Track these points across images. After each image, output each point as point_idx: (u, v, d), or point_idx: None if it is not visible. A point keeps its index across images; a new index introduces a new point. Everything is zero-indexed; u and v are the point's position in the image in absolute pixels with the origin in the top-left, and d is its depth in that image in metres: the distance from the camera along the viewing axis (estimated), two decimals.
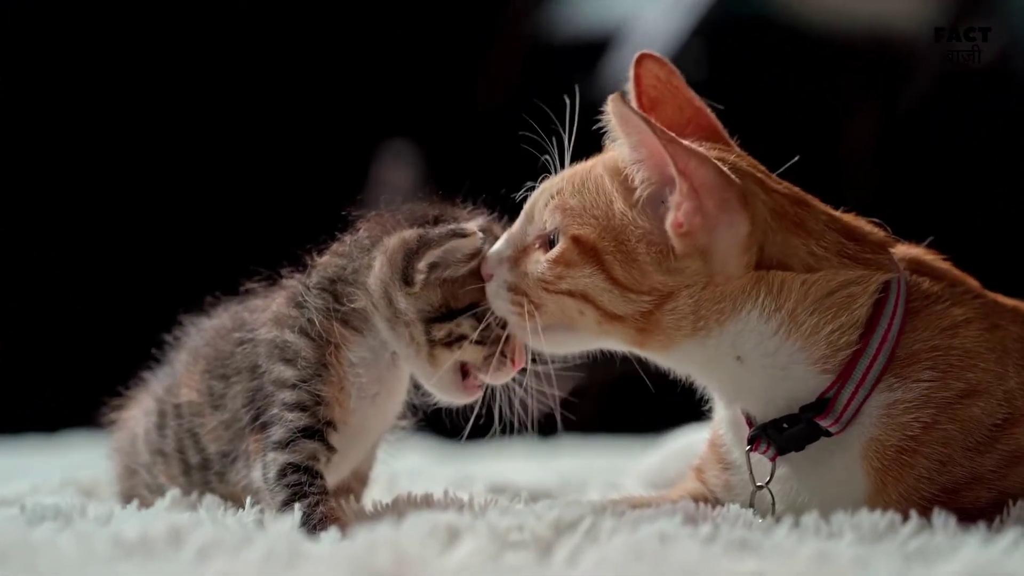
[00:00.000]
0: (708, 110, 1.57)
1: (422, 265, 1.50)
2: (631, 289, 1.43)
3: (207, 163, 4.34)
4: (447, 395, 1.56)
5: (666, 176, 1.41)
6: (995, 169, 3.92)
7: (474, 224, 1.54)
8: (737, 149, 1.54)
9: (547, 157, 1.54)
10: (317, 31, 4.38)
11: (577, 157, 1.54)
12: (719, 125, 1.57)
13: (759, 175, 1.47)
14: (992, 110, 3.93)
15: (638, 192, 1.43)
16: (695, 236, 1.40)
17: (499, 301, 1.51)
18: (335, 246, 1.60)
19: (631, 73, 1.57)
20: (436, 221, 1.55)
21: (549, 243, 1.49)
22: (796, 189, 1.49)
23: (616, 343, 1.49)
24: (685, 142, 1.40)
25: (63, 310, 4.28)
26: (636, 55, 1.58)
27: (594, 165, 1.50)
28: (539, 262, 1.48)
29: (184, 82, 4.35)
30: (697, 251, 1.40)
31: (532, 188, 1.55)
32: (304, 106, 4.39)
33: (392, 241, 1.54)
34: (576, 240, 1.45)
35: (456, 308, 1.51)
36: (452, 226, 1.53)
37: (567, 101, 1.52)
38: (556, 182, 1.51)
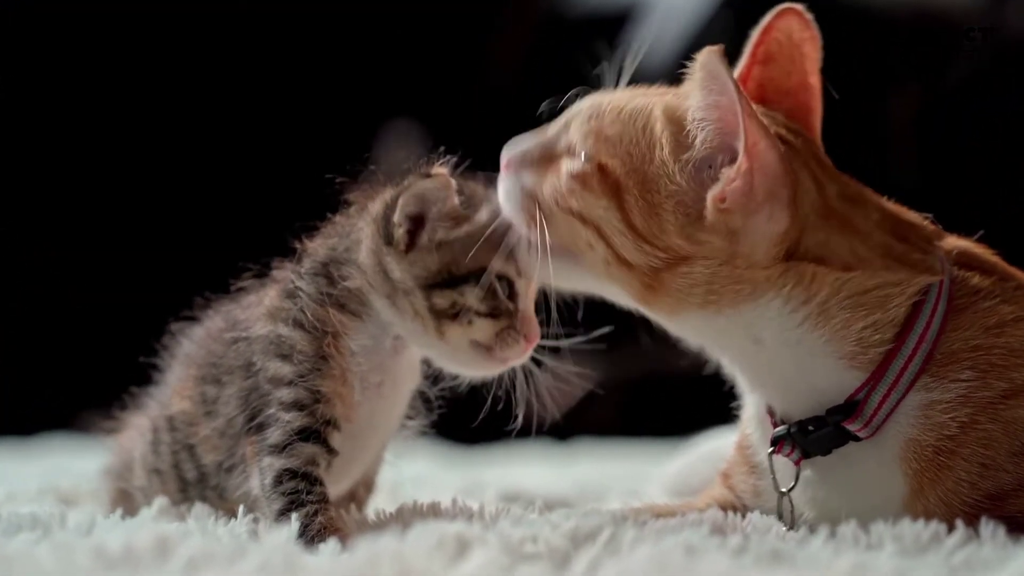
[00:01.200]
0: (816, 92, 1.57)
1: (397, 217, 1.51)
2: (646, 240, 1.43)
3: (206, 155, 4.37)
4: (471, 370, 1.56)
5: (726, 145, 1.41)
6: None
7: (441, 167, 1.54)
8: (811, 136, 1.54)
9: (604, 66, 1.55)
10: (316, 10, 4.38)
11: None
12: (817, 110, 1.57)
13: (815, 169, 1.47)
14: None
15: (691, 152, 1.43)
16: (731, 215, 1.40)
17: (509, 201, 1.52)
18: (325, 227, 1.60)
19: (765, 20, 1.56)
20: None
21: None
22: (852, 184, 1.50)
23: (620, 293, 1.49)
24: (764, 120, 1.40)
25: (42, 311, 4.30)
26: (782, 6, 1.56)
27: (649, 104, 1.49)
28: (559, 175, 1.49)
29: (182, 71, 4.37)
30: (727, 229, 1.41)
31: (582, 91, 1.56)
32: (304, 88, 4.39)
33: (376, 207, 1.55)
34: (601, 168, 1.46)
35: (457, 275, 1.51)
36: (419, 172, 1.54)
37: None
38: (604, 102, 1.52)
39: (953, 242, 1.52)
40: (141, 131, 4.38)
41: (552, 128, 1.54)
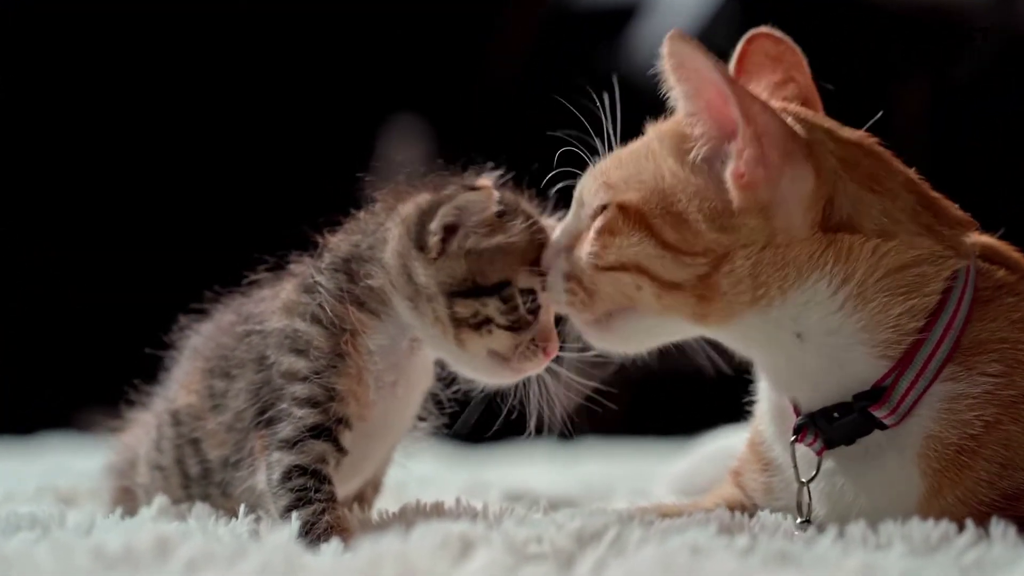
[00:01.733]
0: (808, 87, 1.59)
1: (435, 226, 1.50)
2: (684, 251, 1.43)
3: (208, 151, 4.38)
4: (487, 377, 1.56)
5: (725, 129, 1.42)
6: None
7: (486, 179, 1.55)
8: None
9: (596, 140, 1.56)
10: (320, 5, 4.39)
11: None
12: (815, 102, 1.58)
13: (828, 125, 1.48)
14: None
15: (695, 151, 1.44)
16: (757, 189, 1.41)
17: (555, 294, 1.52)
18: (348, 223, 1.60)
19: (738, 48, 1.59)
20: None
21: None
22: (871, 139, 1.50)
23: (679, 321, 1.48)
24: (748, 88, 1.41)
25: (42, 311, 4.31)
26: (751, 32, 1.59)
27: (642, 140, 1.52)
28: (588, 240, 1.49)
29: (183, 70, 4.39)
30: (757, 207, 1.41)
31: (564, 172, 1.56)
32: (308, 82, 4.40)
33: (407, 208, 1.55)
34: (621, 208, 1.47)
35: (483, 285, 1.51)
36: (463, 182, 1.54)
37: (612, 85, 1.53)
38: (603, 163, 1.53)
39: (976, 237, 1.51)
40: (141, 131, 4.39)
41: (569, 214, 1.55)
